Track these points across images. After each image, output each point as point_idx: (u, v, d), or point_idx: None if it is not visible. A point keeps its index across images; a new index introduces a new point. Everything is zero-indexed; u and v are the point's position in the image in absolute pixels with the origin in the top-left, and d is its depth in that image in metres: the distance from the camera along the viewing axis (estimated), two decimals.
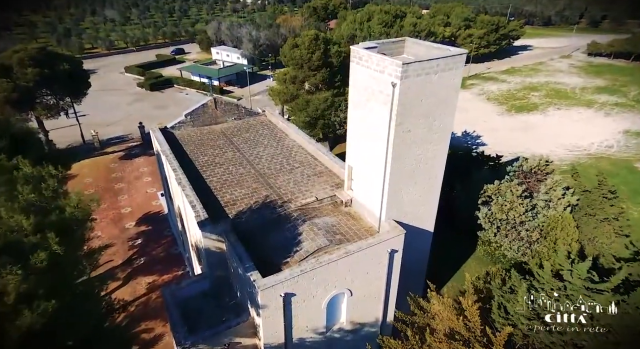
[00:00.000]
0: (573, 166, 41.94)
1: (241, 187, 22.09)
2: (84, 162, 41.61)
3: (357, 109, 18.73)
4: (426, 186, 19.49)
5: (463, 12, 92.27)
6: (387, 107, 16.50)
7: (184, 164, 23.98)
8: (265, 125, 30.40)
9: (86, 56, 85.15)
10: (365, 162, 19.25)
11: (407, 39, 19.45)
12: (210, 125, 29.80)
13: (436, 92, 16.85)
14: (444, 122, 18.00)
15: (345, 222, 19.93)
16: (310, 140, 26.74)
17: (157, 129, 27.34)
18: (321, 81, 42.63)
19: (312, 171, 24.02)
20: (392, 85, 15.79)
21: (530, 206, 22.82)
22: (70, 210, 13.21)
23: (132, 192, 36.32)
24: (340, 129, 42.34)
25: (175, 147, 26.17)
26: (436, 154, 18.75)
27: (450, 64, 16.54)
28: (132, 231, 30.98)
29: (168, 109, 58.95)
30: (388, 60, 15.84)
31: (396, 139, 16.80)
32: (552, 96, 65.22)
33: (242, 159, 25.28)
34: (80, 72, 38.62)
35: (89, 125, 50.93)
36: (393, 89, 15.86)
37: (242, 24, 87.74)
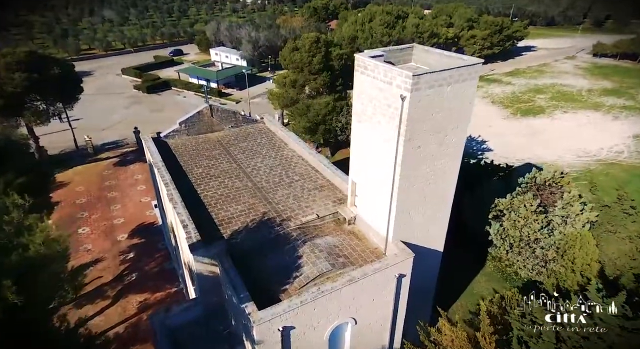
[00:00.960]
0: (583, 173, 40.57)
1: (237, 203, 20.67)
2: (77, 169, 40.24)
3: (361, 121, 17.30)
4: (436, 204, 18.07)
5: (466, 12, 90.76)
6: (395, 121, 15.08)
7: (177, 176, 22.59)
8: (264, 133, 28.98)
9: (83, 57, 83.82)
10: (371, 179, 17.84)
11: (415, 46, 18.01)
12: (206, 133, 28.39)
13: (449, 105, 15.43)
14: (456, 137, 16.58)
15: (348, 243, 18.52)
16: (310, 150, 25.32)
17: (149, 139, 25.93)
18: (322, 85, 41.23)
19: (312, 185, 22.60)
20: (401, 99, 14.37)
21: (545, 222, 21.40)
22: (36, 248, 11.74)
23: (125, 201, 34.92)
24: (342, 135, 40.95)
25: (169, 158, 24.76)
26: (447, 170, 17.33)
27: (464, 75, 15.11)
28: (124, 243, 29.58)
29: (165, 113, 57.58)
30: (396, 70, 14.41)
31: (405, 156, 15.38)
32: (558, 98, 63.75)
33: (239, 170, 23.86)
34: (72, 76, 37.21)
35: (83, 129, 49.55)
36: (402, 102, 14.44)
37: (242, 25, 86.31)
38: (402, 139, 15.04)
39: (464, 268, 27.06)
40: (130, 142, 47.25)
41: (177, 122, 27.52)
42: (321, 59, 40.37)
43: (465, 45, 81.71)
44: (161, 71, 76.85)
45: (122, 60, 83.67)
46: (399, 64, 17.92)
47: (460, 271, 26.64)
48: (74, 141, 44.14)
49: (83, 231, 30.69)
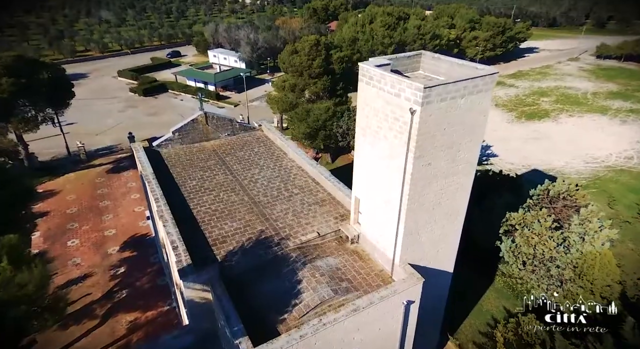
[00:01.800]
0: (592, 180, 39.28)
1: (232, 220, 19.33)
2: (69, 177, 38.87)
3: (366, 135, 15.97)
4: (447, 223, 16.75)
5: (467, 13, 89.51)
6: (404, 136, 13.76)
7: (168, 190, 21.26)
8: (262, 141, 27.66)
9: (78, 60, 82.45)
10: (376, 196, 16.50)
11: (424, 53, 16.69)
12: (200, 142, 27.06)
13: (462, 119, 14.11)
14: (469, 152, 15.26)
15: (351, 264, 17.19)
16: (311, 161, 23.98)
17: (140, 148, 24.58)
18: (322, 89, 39.93)
19: (313, 199, 21.26)
20: (411, 112, 13.05)
21: (560, 238, 20.09)
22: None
23: (118, 211, 33.56)
24: (343, 141, 39.63)
25: (161, 169, 23.43)
26: (460, 187, 16.01)
27: (479, 86, 13.79)
28: (115, 257, 28.22)
29: (161, 116, 56.24)
30: (406, 82, 13.08)
31: (414, 173, 14.05)
32: (562, 101, 62.48)
33: (235, 183, 22.52)
34: (62, 81, 35.85)
35: (77, 134, 48.22)
36: (412, 117, 13.12)
37: (240, 26, 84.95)
38: (412, 156, 13.72)
39: (472, 283, 25.73)
40: (125, 147, 45.86)
41: (170, 131, 26.19)
42: (321, 62, 39.09)
43: (468, 47, 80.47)
44: (158, 73, 75.49)
45: (118, 62, 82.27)
46: (407, 72, 16.63)
47: (468, 287, 25.30)
48: (66, 147, 42.76)
49: (72, 244, 29.33)
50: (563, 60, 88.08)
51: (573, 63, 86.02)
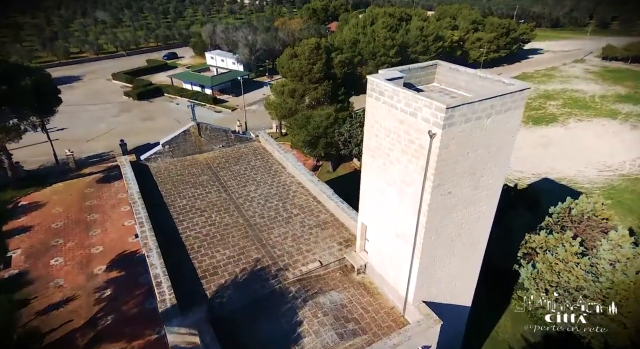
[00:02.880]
0: (606, 190, 37.43)
1: (225, 246, 17.44)
2: (56, 187, 36.88)
3: (375, 157, 14.08)
4: (467, 255, 14.88)
5: (470, 14, 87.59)
6: (421, 162, 11.89)
7: (156, 210, 19.42)
8: (259, 154, 25.77)
9: (72, 61, 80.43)
10: (386, 224, 14.63)
11: (439, 63, 14.82)
12: (193, 154, 25.18)
13: (488, 141, 12.24)
14: (494, 177, 13.39)
15: (358, 300, 15.30)
16: (311, 177, 22.08)
17: (127, 163, 22.70)
18: (323, 95, 37.98)
19: (314, 221, 19.38)
20: (430, 135, 11.17)
21: (588, 265, 18.22)
22: None
23: (106, 226, 31.60)
24: (345, 149, 37.72)
25: (149, 187, 21.57)
26: (482, 216, 14.14)
27: (508, 103, 11.92)
28: (101, 278, 26.26)
29: (156, 121, 54.30)
30: (423, 100, 11.20)
31: (432, 203, 12.18)
32: (570, 105, 60.63)
33: (229, 202, 20.64)
34: (48, 87, 33.88)
35: (67, 141, 46.28)
36: (430, 140, 11.24)
37: (239, 27, 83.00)
38: (430, 185, 11.84)
39: (486, 306, 23.79)
40: (117, 154, 43.82)
41: (160, 143, 24.30)
42: (322, 66, 37.14)
43: (471, 49, 78.62)
44: (154, 76, 73.47)
45: (113, 65, 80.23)
46: (420, 84, 14.77)
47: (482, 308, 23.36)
48: (54, 155, 40.78)
49: (56, 262, 27.38)
50: (568, 62, 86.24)
51: (578, 65, 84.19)
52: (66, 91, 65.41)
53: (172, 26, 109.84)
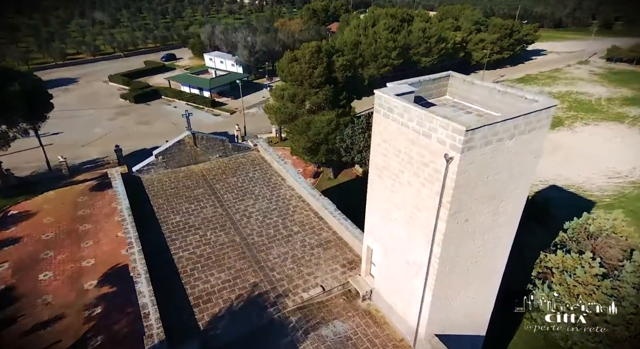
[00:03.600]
0: (617, 198, 36.25)
1: (220, 269, 16.25)
2: (48, 195, 35.68)
3: (383, 177, 12.89)
4: (483, 283, 13.70)
5: (473, 15, 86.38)
6: (435, 187, 10.69)
7: (147, 228, 18.25)
8: (257, 164, 24.57)
9: (68, 63, 79.18)
10: (394, 250, 13.45)
11: (452, 75, 13.61)
12: (188, 165, 23.97)
13: (509, 164, 11.04)
14: (515, 202, 12.20)
15: (364, 331, 14.11)
16: (313, 191, 20.88)
17: (117, 176, 21.50)
18: (324, 100, 36.76)
19: (316, 239, 18.18)
20: (446, 159, 9.97)
21: (609, 288, 17.02)
22: None
23: (99, 237, 30.39)
24: (346, 156, 36.50)
25: (141, 201, 20.39)
26: (500, 242, 12.95)
27: (533, 123, 10.72)
28: (92, 293, 25.06)
29: (153, 125, 53.12)
30: (439, 120, 10.01)
31: (448, 233, 11.00)
32: (576, 108, 59.41)
33: (225, 218, 19.45)
34: (39, 93, 32.67)
35: (61, 146, 45.15)
36: (447, 164, 10.05)
37: (238, 28, 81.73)
38: (445, 213, 10.64)
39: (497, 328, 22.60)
40: (112, 160, 42.73)
41: (154, 154, 23.09)
42: (323, 70, 35.93)
43: (474, 50, 77.31)
44: (152, 78, 72.26)
45: (110, 66, 78.99)
46: (431, 98, 13.57)
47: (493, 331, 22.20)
48: (47, 161, 39.56)
49: (45, 277, 26.20)
50: (572, 64, 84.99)
51: (583, 66, 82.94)
52: (62, 94, 64.44)
53: (170, 27, 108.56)
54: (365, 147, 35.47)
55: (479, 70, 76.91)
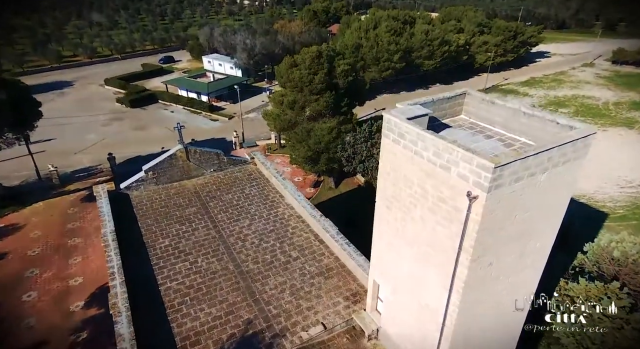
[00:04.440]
0: (631, 209, 34.76)
1: (211, 303, 14.78)
2: (37, 207, 34.16)
3: (392, 209, 11.44)
4: (506, 325, 12.23)
5: (476, 16, 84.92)
6: (455, 227, 9.23)
7: (133, 255, 16.80)
8: (254, 179, 23.10)
9: (64, 66, 77.72)
10: (405, 289, 12.00)
11: (469, 93, 12.16)
12: (181, 181, 22.50)
13: (540, 200, 9.58)
14: (544, 240, 10.74)
15: None
16: (313, 210, 19.38)
17: (103, 194, 20.04)
18: (325, 107, 35.31)
19: (316, 267, 16.71)
20: (469, 198, 8.51)
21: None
22: None
23: (88, 252, 28.86)
24: (348, 166, 35.05)
25: (127, 222, 18.94)
26: (526, 283, 11.50)
27: (569, 154, 9.26)
28: (79, 316, 23.53)
29: (149, 131, 51.69)
30: (461, 152, 8.55)
31: (469, 280, 9.53)
32: (583, 112, 57.91)
33: (219, 242, 17.98)
34: (26, 100, 31.23)
35: (54, 153, 43.76)
36: (470, 203, 8.58)
37: (237, 30, 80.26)
38: (467, 258, 9.18)
39: None
40: (105, 168, 41.31)
41: (143, 169, 21.63)
42: (324, 77, 34.51)
43: (477, 53, 75.80)
44: (149, 81, 70.82)
45: (107, 69, 77.48)
46: (446, 117, 12.11)
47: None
48: (36, 170, 38.11)
49: (29, 298, 24.68)
50: (577, 66, 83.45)
51: (588, 69, 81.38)
52: (57, 98, 63.03)
53: (169, 29, 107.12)
54: (368, 157, 34.05)
55: (482, 73, 75.46)
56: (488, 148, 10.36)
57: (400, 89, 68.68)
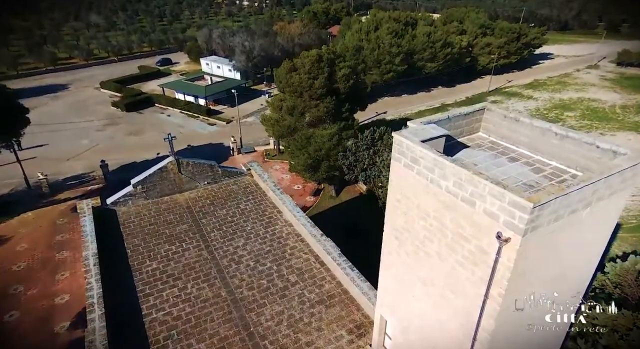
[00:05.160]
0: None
1: (200, 338, 13.38)
2: (25, 217, 32.82)
3: (402, 240, 10.04)
4: None
5: (478, 18, 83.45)
6: (480, 271, 7.84)
7: (117, 280, 15.40)
8: (250, 193, 21.70)
9: (60, 69, 76.37)
10: (417, 329, 10.59)
11: (489, 108, 10.80)
12: (172, 194, 21.10)
13: (581, 238, 8.19)
14: (581, 279, 9.34)
15: None
16: (313, 229, 17.96)
17: (87, 211, 18.62)
18: (325, 113, 33.93)
19: (316, 294, 15.30)
20: (500, 240, 7.11)
21: None
22: None
23: (76, 267, 27.45)
24: (350, 174, 33.66)
25: (112, 242, 17.53)
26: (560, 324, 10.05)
27: (615, 185, 7.86)
28: (63, 338, 22.16)
29: (144, 136, 50.30)
30: (489, 186, 7.15)
31: (496, 330, 8.12)
32: (589, 116, 56.55)
33: (211, 264, 16.58)
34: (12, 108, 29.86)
35: (45, 160, 42.44)
36: (500, 246, 7.18)
37: (236, 32, 78.87)
38: (496, 308, 7.77)
39: None
40: (97, 176, 39.92)
41: (132, 183, 20.22)
42: (324, 81, 33.13)
43: (480, 55, 74.44)
44: (146, 84, 69.46)
45: (103, 72, 76.12)
46: (462, 136, 10.74)
47: None
48: (25, 179, 36.67)
49: (11, 318, 23.31)
50: (582, 68, 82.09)
51: (593, 71, 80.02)
52: (51, 101, 61.64)
53: (167, 30, 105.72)
54: (370, 165, 32.67)
55: (484, 76, 74.15)
56: (514, 174, 8.98)
57: (401, 91, 67.34)
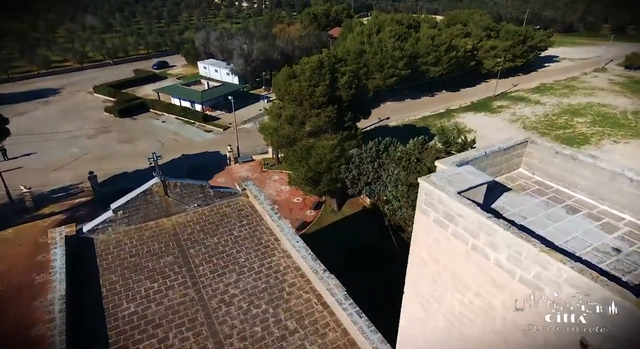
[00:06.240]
0: None
1: None
2: (5, 235, 30.74)
3: (430, 310, 7.96)
4: None
5: (482, 20, 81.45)
6: None
7: (88, 328, 13.28)
8: (245, 217, 19.59)
9: (53, 72, 74.37)
10: None
11: (532, 141, 8.70)
12: (158, 219, 18.99)
13: None
14: None
15: None
16: (315, 263, 15.84)
17: (59, 241, 16.49)
18: (326, 122, 31.89)
19: (319, 345, 13.18)
20: (582, 345, 4.99)
21: None
22: None
23: None
24: (353, 188, 31.59)
25: (86, 279, 15.41)
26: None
27: None
28: None
29: (137, 143, 48.28)
30: (570, 274, 5.04)
31: None
32: (601, 122, 54.49)
33: (197, 307, 14.46)
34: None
35: (31, 170, 40.41)
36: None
37: (234, 35, 76.87)
38: None
39: None
40: (86, 187, 37.84)
41: (111, 208, 18.12)
42: (325, 89, 31.08)
43: (485, 58, 72.45)
44: (141, 88, 67.49)
45: (97, 75, 74.10)
46: (500, 174, 8.63)
47: None
48: (7, 192, 34.60)
49: None
50: (589, 72, 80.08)
51: (601, 74, 78.01)
52: (41, 106, 59.57)
53: (164, 32, 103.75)
54: (375, 179, 30.61)
55: (490, 79, 72.20)
56: (579, 233, 6.90)
57: (404, 96, 65.36)
